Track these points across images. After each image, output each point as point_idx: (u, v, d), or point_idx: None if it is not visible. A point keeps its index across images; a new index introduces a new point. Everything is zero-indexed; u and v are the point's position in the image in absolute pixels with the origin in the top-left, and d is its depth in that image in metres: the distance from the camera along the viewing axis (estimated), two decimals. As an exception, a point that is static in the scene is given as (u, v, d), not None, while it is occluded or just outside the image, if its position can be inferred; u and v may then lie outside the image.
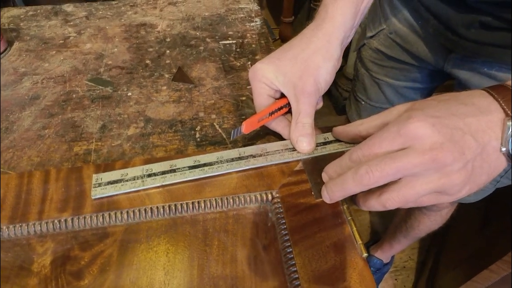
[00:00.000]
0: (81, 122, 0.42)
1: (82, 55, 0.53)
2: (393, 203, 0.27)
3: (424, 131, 0.25)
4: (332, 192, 0.30)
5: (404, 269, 1.17)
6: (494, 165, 0.27)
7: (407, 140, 0.26)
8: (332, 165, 0.31)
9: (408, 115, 0.26)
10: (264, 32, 0.58)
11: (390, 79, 0.67)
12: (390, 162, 0.26)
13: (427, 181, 0.26)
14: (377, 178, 0.26)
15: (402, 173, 0.26)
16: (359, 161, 0.28)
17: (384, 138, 0.27)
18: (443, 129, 0.25)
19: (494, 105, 0.26)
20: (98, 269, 0.28)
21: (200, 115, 0.43)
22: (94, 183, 0.33)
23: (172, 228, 0.31)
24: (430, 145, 0.25)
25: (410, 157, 0.25)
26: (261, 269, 0.29)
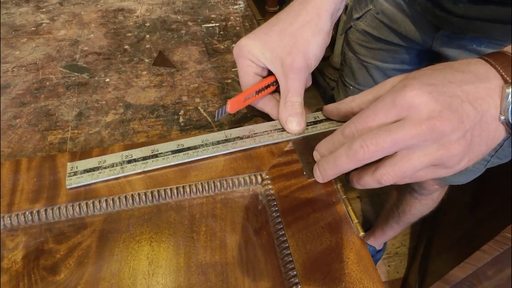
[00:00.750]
0: (56, 110, 0.40)
1: (56, 42, 0.49)
2: (389, 178, 0.25)
3: (420, 99, 0.24)
4: (325, 170, 0.29)
5: (397, 255, 1.17)
6: (493, 135, 0.25)
7: (402, 110, 0.24)
8: (324, 142, 0.30)
9: (403, 85, 0.25)
10: (248, 15, 0.56)
11: (378, 61, 0.66)
12: (386, 134, 0.24)
13: (425, 153, 0.24)
14: (372, 152, 0.25)
15: (399, 145, 0.24)
16: (353, 135, 0.27)
17: (378, 110, 0.26)
18: (440, 97, 0.24)
19: (492, 72, 0.25)
20: (75, 262, 0.26)
21: (183, 99, 0.41)
22: (69, 172, 0.30)
23: (156, 215, 0.29)
24: (427, 114, 0.23)
25: (406, 128, 0.24)
26: (253, 254, 0.27)
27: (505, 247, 0.66)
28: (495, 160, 0.60)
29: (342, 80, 0.76)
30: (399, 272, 1.14)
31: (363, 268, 0.26)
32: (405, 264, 1.15)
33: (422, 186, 0.75)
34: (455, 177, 0.67)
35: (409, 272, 1.11)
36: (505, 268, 0.73)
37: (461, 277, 0.81)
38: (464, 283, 0.83)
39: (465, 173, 0.65)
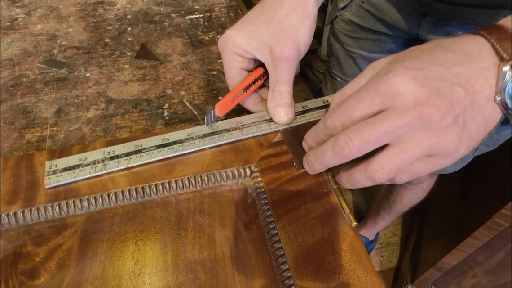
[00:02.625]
0: (33, 107, 0.38)
1: (33, 37, 0.47)
2: (383, 173, 0.23)
3: (405, 87, 0.22)
4: (312, 165, 0.28)
5: (389, 245, 1.18)
6: (490, 117, 0.23)
7: (387, 98, 0.23)
8: (309, 133, 0.29)
9: (387, 70, 0.23)
10: (233, 5, 0.54)
11: (364, 52, 0.65)
12: (370, 127, 0.23)
13: (417, 142, 0.23)
14: (359, 147, 0.23)
15: (386, 137, 0.23)
16: (335, 127, 0.25)
17: (361, 99, 0.24)
18: (427, 82, 0.22)
19: (486, 49, 0.23)
20: (56, 265, 0.25)
21: (168, 92, 0.40)
22: (47, 171, 0.29)
23: (141, 213, 0.28)
24: (413, 102, 0.22)
25: (392, 119, 0.22)
26: (243, 249, 0.26)
27: (494, 232, 0.67)
28: (483, 147, 0.60)
29: (329, 72, 0.75)
30: (391, 262, 1.15)
31: (357, 259, 0.25)
32: (397, 253, 1.16)
33: None
34: None
35: (402, 261, 1.12)
36: (495, 253, 0.74)
37: (452, 264, 0.82)
38: (456, 269, 0.84)
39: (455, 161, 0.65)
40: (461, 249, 0.75)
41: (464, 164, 0.67)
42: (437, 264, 0.84)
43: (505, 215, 0.63)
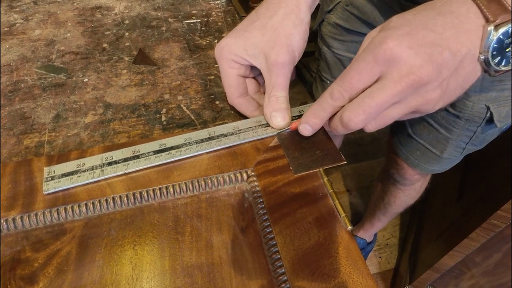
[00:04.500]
0: (32, 113, 0.38)
1: (31, 42, 0.48)
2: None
3: (399, 54, 0.24)
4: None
5: (387, 246, 1.19)
6: (469, 76, 0.26)
7: (384, 67, 0.25)
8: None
9: (382, 38, 0.25)
10: (230, 10, 0.55)
11: (351, 54, 0.66)
12: (369, 100, 0.25)
13: (405, 105, 0.25)
14: (363, 119, 0.26)
15: (384, 106, 0.25)
16: (343, 98, 0.27)
17: (361, 70, 0.26)
18: (420, 49, 0.24)
19: (473, 10, 0.25)
20: (55, 270, 0.25)
21: (166, 97, 0.40)
22: (46, 177, 0.29)
23: (139, 217, 0.28)
24: (407, 70, 0.24)
25: (388, 89, 0.24)
26: (240, 253, 0.26)
27: (491, 233, 0.67)
28: (470, 146, 0.61)
29: (319, 75, 0.75)
30: (390, 263, 1.15)
31: (352, 262, 0.25)
32: (395, 254, 1.17)
33: (404, 177, 0.76)
34: (433, 166, 0.68)
35: (400, 262, 1.12)
36: (492, 254, 0.74)
37: (450, 265, 0.82)
38: (454, 270, 0.84)
39: (443, 162, 0.66)
40: (458, 250, 0.76)
41: (452, 164, 0.67)
42: (435, 265, 0.84)
43: (501, 216, 0.63)
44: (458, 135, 0.60)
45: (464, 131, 0.59)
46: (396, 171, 0.77)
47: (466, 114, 0.55)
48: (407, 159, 0.70)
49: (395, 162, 0.75)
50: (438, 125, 0.61)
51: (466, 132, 0.59)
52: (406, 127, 0.67)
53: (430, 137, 0.63)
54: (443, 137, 0.61)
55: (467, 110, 0.55)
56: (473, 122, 0.56)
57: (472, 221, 0.72)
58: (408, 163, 0.71)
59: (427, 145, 0.65)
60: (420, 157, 0.67)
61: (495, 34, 0.24)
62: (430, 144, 0.64)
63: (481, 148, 0.62)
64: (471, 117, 0.56)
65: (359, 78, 0.26)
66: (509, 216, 0.62)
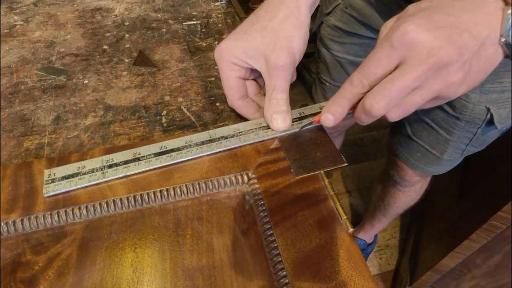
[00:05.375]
0: (32, 115, 0.38)
1: (31, 44, 0.48)
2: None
3: (418, 37, 0.24)
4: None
5: (388, 247, 1.19)
6: (491, 60, 0.26)
7: (403, 52, 0.25)
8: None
9: (399, 25, 0.25)
10: (230, 11, 0.55)
11: (351, 56, 0.66)
12: (390, 86, 0.25)
13: (426, 90, 0.25)
14: (385, 105, 0.25)
15: (406, 90, 0.25)
16: (362, 85, 0.27)
17: (380, 56, 0.26)
18: (438, 32, 0.24)
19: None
20: (55, 273, 0.25)
21: (166, 99, 0.40)
22: (46, 179, 0.29)
23: (139, 220, 0.28)
24: (427, 52, 0.24)
25: (408, 73, 0.24)
26: (241, 256, 0.26)
27: (492, 235, 0.67)
28: (470, 148, 0.61)
29: (318, 77, 0.75)
30: (390, 264, 1.15)
31: (354, 265, 0.25)
32: (396, 256, 1.17)
33: (404, 178, 0.76)
34: (433, 167, 0.68)
35: (401, 263, 1.12)
36: (493, 256, 0.74)
37: (451, 266, 0.82)
38: (454, 271, 0.84)
39: (443, 163, 0.66)
40: (459, 251, 0.76)
41: (452, 165, 0.67)
42: (435, 267, 0.84)
43: (502, 218, 0.63)
44: (458, 137, 0.60)
45: (464, 133, 0.59)
46: (396, 172, 0.77)
47: (467, 116, 0.55)
48: (407, 160, 0.70)
49: (395, 163, 0.75)
50: (438, 127, 0.61)
51: (466, 134, 0.59)
52: (406, 128, 0.67)
53: (430, 139, 0.63)
54: (443, 139, 0.61)
55: (467, 112, 0.55)
56: (473, 124, 0.56)
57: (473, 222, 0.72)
58: (408, 164, 0.71)
59: (427, 146, 0.65)
60: (420, 158, 0.67)
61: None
62: (430, 145, 0.64)
63: (481, 149, 0.62)
64: (471, 119, 0.56)
65: (378, 64, 0.26)
66: (509, 217, 0.62)
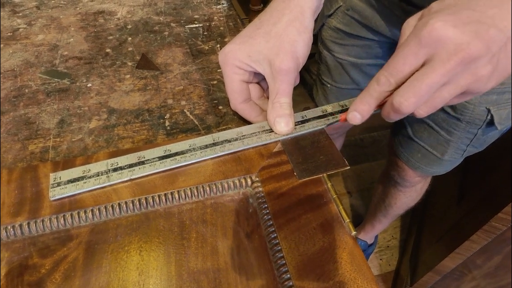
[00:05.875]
0: (36, 118, 0.38)
1: (34, 47, 0.48)
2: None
3: (445, 33, 0.24)
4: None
5: (388, 248, 1.19)
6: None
7: (431, 48, 0.25)
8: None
9: (425, 22, 0.25)
10: (232, 14, 0.55)
11: (352, 58, 0.66)
12: (419, 83, 0.25)
13: (455, 86, 0.25)
14: (414, 103, 0.25)
15: (435, 86, 0.25)
16: (389, 83, 0.27)
17: (406, 54, 0.26)
18: (466, 27, 0.24)
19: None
20: (62, 276, 0.25)
21: (169, 102, 0.40)
22: (52, 183, 0.29)
23: (144, 223, 0.28)
24: (454, 48, 0.24)
25: (437, 69, 0.24)
26: (245, 258, 0.27)
27: (492, 236, 0.68)
28: (470, 148, 0.61)
29: (319, 79, 0.75)
30: (391, 265, 1.15)
31: (357, 268, 0.25)
32: (396, 256, 1.17)
33: (404, 179, 0.76)
34: (434, 168, 0.68)
35: (401, 264, 1.13)
36: (493, 257, 0.74)
37: (451, 267, 0.82)
38: (455, 272, 0.85)
39: (444, 164, 0.66)
40: (459, 252, 0.76)
41: (453, 165, 0.68)
42: (436, 268, 0.84)
43: (502, 219, 0.64)
44: (459, 138, 0.60)
45: (465, 134, 0.59)
46: (397, 172, 0.77)
47: (467, 117, 0.56)
48: (408, 161, 0.71)
49: (396, 163, 0.76)
50: (439, 128, 0.61)
51: (466, 134, 0.59)
52: (406, 129, 0.67)
53: (431, 139, 0.64)
54: (443, 140, 0.62)
55: (467, 113, 0.55)
56: (473, 125, 0.57)
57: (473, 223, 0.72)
58: (409, 165, 0.71)
59: (428, 147, 0.65)
60: (421, 159, 0.68)
61: None
62: (430, 146, 0.65)
63: (481, 149, 0.62)
64: (471, 120, 0.56)
65: (405, 62, 0.26)
66: (509, 219, 0.62)
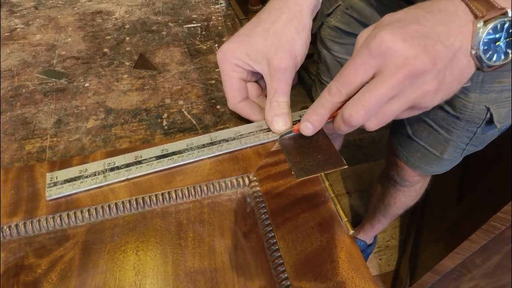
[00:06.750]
0: (33, 118, 0.38)
1: (32, 47, 0.48)
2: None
3: (394, 45, 0.24)
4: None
5: (388, 248, 1.19)
6: (464, 71, 0.26)
7: (380, 60, 0.25)
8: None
9: (375, 34, 0.25)
10: (230, 14, 0.55)
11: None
12: (369, 95, 0.25)
13: (403, 99, 0.25)
14: (364, 115, 0.26)
15: (384, 100, 0.25)
16: (340, 93, 0.27)
17: (358, 65, 0.26)
18: (414, 41, 0.24)
19: (461, 8, 0.25)
20: (58, 277, 0.25)
21: (167, 102, 0.40)
22: (48, 183, 0.29)
23: (141, 223, 0.28)
24: (403, 61, 0.24)
25: (386, 82, 0.25)
26: (243, 258, 0.26)
27: (491, 235, 0.68)
28: (470, 147, 0.61)
29: (318, 78, 0.75)
30: (390, 265, 1.15)
31: (354, 267, 0.25)
32: (396, 256, 1.17)
33: (404, 178, 0.76)
34: (433, 167, 0.68)
35: (400, 264, 1.12)
36: (492, 256, 0.74)
37: (450, 267, 0.82)
38: (454, 272, 0.84)
39: (443, 163, 0.66)
40: (458, 252, 0.76)
41: (452, 164, 0.68)
42: (435, 267, 0.84)
43: (501, 218, 0.64)
44: (458, 137, 0.60)
45: (464, 133, 0.59)
46: (396, 172, 0.77)
47: (466, 115, 0.56)
48: (407, 160, 0.70)
49: (395, 163, 0.75)
50: (438, 127, 0.61)
51: (466, 133, 0.59)
52: (406, 128, 0.67)
53: (430, 138, 0.63)
54: (443, 139, 0.62)
55: (467, 112, 0.55)
56: (473, 124, 0.57)
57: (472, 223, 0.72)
58: (408, 164, 0.71)
59: (427, 146, 0.65)
60: (420, 158, 0.68)
61: (485, 29, 0.25)
62: (430, 145, 0.64)
63: (481, 148, 0.62)
64: (471, 119, 0.56)
65: (356, 73, 0.26)
66: (509, 218, 0.62)
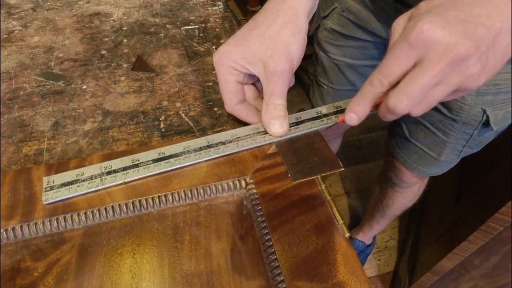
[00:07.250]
0: (30, 120, 0.38)
1: (29, 49, 0.48)
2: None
3: (434, 35, 0.25)
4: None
5: (386, 248, 1.19)
6: (506, 50, 0.26)
7: (420, 50, 0.25)
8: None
9: (414, 25, 0.26)
10: (228, 16, 0.55)
11: (348, 59, 0.66)
12: (411, 84, 0.25)
13: (446, 85, 0.26)
14: (407, 104, 0.26)
15: (427, 87, 0.25)
16: (382, 84, 0.28)
17: (398, 56, 0.26)
18: (453, 28, 0.24)
19: None
20: (55, 280, 0.25)
21: (164, 104, 0.40)
22: (45, 187, 0.29)
23: (138, 226, 0.28)
24: (444, 49, 0.24)
25: (428, 70, 0.25)
26: (239, 261, 0.27)
27: (490, 236, 0.68)
28: (467, 149, 0.61)
29: (316, 80, 0.76)
30: (389, 265, 1.15)
31: (350, 270, 0.25)
32: (395, 257, 1.17)
33: (401, 180, 0.76)
34: (431, 168, 0.68)
35: (399, 264, 1.13)
36: (491, 257, 0.75)
37: (449, 267, 0.83)
38: (453, 273, 0.85)
39: (440, 164, 0.66)
40: (457, 252, 0.76)
41: (450, 166, 0.68)
42: (434, 268, 0.84)
43: (499, 219, 0.64)
44: (455, 139, 0.60)
45: (461, 135, 0.59)
46: (394, 173, 0.77)
47: (463, 117, 0.56)
48: (405, 162, 0.71)
49: (393, 164, 0.76)
50: (435, 129, 0.61)
51: (463, 135, 0.59)
52: (403, 130, 0.67)
53: (427, 140, 0.64)
54: (440, 141, 0.62)
55: (463, 114, 0.55)
56: (469, 126, 0.57)
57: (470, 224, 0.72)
58: (406, 165, 0.71)
59: (425, 148, 0.65)
60: (418, 160, 0.68)
61: None
62: (427, 147, 0.65)
63: (478, 150, 0.63)
64: (467, 121, 0.56)
65: (396, 63, 0.26)
66: (507, 219, 0.63)
